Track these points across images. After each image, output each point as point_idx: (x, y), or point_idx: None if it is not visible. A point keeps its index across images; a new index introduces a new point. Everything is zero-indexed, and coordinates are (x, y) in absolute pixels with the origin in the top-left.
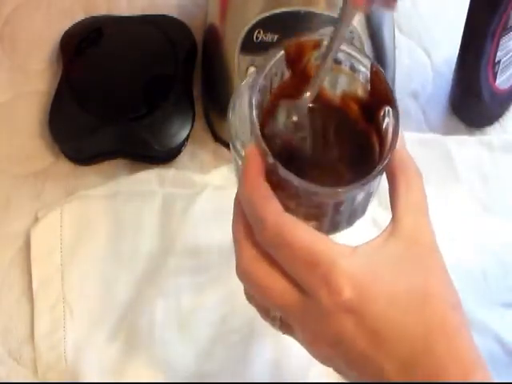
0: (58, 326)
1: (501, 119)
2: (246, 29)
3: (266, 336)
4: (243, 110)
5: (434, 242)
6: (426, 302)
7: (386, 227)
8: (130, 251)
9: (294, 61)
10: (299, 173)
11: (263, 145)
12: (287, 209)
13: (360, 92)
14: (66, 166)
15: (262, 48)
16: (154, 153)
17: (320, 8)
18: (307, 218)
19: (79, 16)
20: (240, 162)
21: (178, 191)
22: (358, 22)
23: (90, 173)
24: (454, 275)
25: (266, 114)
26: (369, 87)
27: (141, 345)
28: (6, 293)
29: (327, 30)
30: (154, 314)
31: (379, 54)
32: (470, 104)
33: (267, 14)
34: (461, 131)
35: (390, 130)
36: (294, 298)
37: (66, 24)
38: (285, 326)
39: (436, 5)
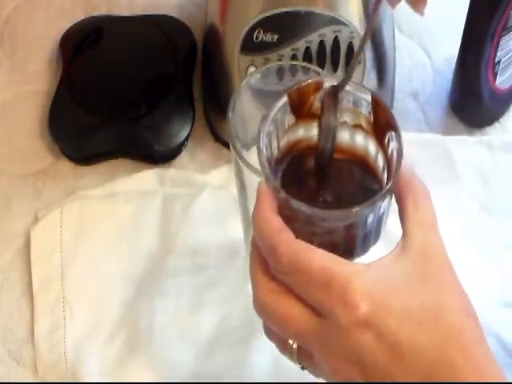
0: (58, 326)
1: (501, 119)
2: (246, 29)
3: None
4: (243, 110)
5: (445, 257)
6: (441, 315)
7: (397, 244)
8: (129, 251)
9: (298, 106)
10: (309, 202)
11: (275, 183)
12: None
13: (364, 124)
14: (66, 165)
15: (262, 48)
16: (153, 153)
17: (320, 8)
18: (321, 247)
19: (79, 16)
20: (240, 162)
21: (178, 191)
22: (358, 22)
23: (89, 173)
24: None
25: (277, 158)
26: (372, 117)
27: (141, 345)
28: (5, 293)
29: (327, 30)
30: (154, 313)
31: (379, 54)
32: (469, 104)
33: (267, 14)
34: (461, 131)
35: (395, 152)
36: (311, 323)
37: (66, 24)
38: (303, 356)
39: (436, 5)
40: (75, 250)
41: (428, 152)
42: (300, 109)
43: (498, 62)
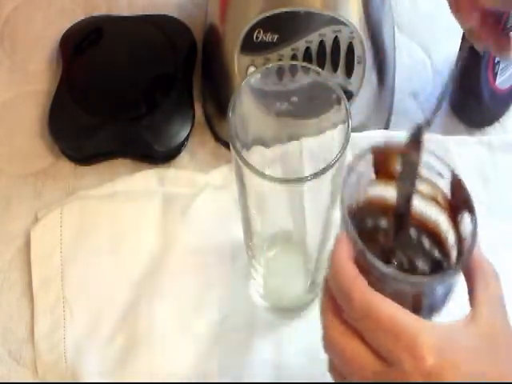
0: (58, 326)
1: (501, 119)
2: (246, 29)
3: (266, 336)
4: (243, 110)
5: (510, 330)
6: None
7: (467, 316)
8: (129, 251)
9: (380, 164)
10: (383, 258)
11: (354, 234)
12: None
13: (440, 198)
14: (66, 166)
15: (262, 48)
16: (153, 153)
17: (320, 8)
18: None
19: (79, 16)
20: (240, 162)
21: (178, 191)
22: (358, 22)
23: (89, 173)
24: None
25: (357, 209)
26: (449, 194)
27: (141, 345)
28: (6, 293)
29: (327, 30)
30: (154, 313)
31: (379, 54)
32: (469, 104)
33: (267, 14)
34: (461, 131)
35: (469, 234)
36: (376, 367)
37: (66, 24)
38: None
39: (436, 5)
40: (75, 250)
41: None
42: (382, 168)
43: (498, 61)
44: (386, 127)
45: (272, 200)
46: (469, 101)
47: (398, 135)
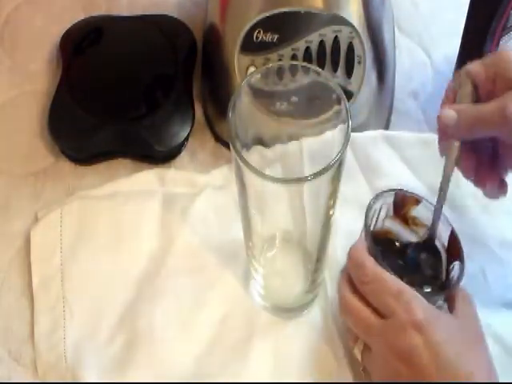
0: (58, 325)
1: None
2: (246, 29)
3: (266, 336)
4: (243, 110)
5: (479, 326)
6: (471, 357)
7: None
8: (129, 251)
9: (399, 206)
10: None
11: (369, 241)
12: None
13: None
14: (66, 166)
15: (262, 48)
16: (154, 153)
17: (320, 8)
18: None
19: (79, 16)
20: (240, 162)
21: (178, 191)
22: (358, 22)
23: (89, 173)
24: None
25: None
26: (445, 243)
27: (141, 345)
28: (5, 293)
29: (327, 30)
30: (154, 314)
31: (379, 54)
32: None
33: (267, 14)
34: None
35: (455, 277)
36: (377, 321)
37: (66, 24)
38: (366, 352)
39: (436, 5)
40: (75, 250)
41: (428, 152)
42: (399, 209)
43: None
44: (386, 127)
45: (272, 200)
46: None
47: (398, 135)
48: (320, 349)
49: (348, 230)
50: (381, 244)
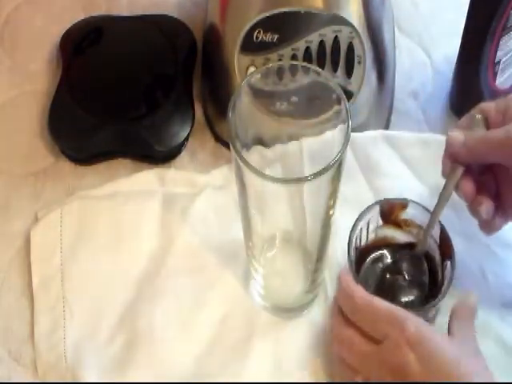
0: (58, 325)
1: None
2: (246, 29)
3: (266, 336)
4: (243, 110)
5: (476, 346)
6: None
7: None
8: (129, 251)
9: (387, 215)
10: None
11: (354, 274)
12: None
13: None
14: (66, 166)
15: (262, 48)
16: (154, 153)
17: (320, 8)
18: None
19: (79, 16)
20: (240, 162)
21: (178, 191)
22: (358, 22)
23: (89, 173)
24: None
25: (365, 247)
26: (438, 242)
27: (141, 345)
28: (5, 293)
29: (327, 30)
30: (154, 314)
31: (379, 54)
32: (470, 104)
33: (267, 14)
34: None
35: (447, 276)
36: (371, 348)
37: (66, 24)
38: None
39: (436, 5)
40: (75, 250)
41: (428, 152)
42: (387, 217)
43: (498, 62)
44: (386, 127)
45: (272, 200)
46: (469, 101)
47: (398, 135)
48: (320, 349)
49: (348, 229)
50: (373, 252)
